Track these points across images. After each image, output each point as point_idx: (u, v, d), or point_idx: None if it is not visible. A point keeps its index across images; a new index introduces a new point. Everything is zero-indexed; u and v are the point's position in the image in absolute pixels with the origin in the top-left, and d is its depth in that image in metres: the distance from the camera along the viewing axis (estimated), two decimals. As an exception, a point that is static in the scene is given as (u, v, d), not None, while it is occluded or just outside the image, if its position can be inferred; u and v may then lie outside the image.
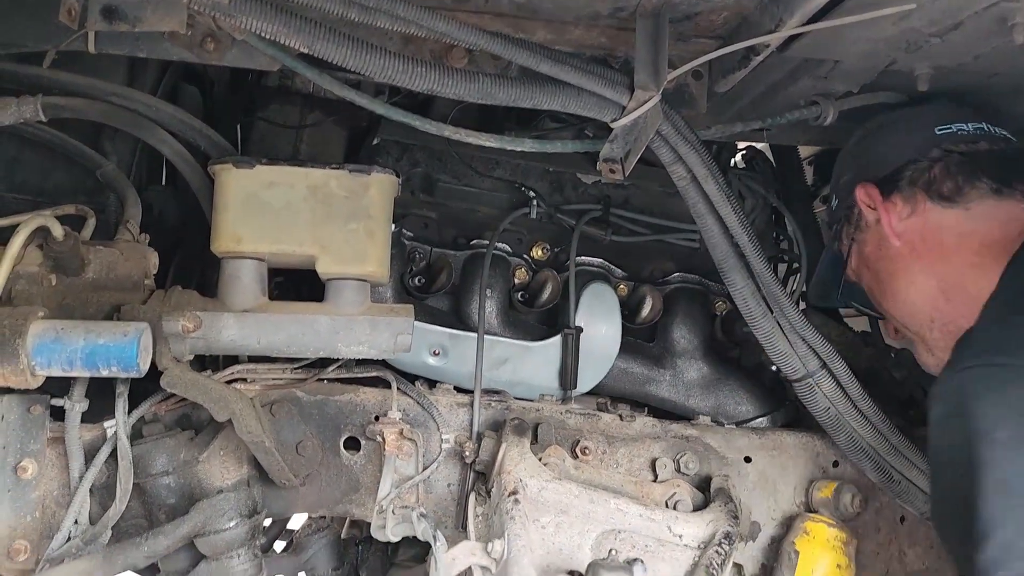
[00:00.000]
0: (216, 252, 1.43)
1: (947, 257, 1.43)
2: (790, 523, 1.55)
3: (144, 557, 1.37)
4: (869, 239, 1.53)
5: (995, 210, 1.42)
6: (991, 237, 1.39)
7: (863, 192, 1.51)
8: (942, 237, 1.44)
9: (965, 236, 1.42)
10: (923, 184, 1.46)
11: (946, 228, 1.44)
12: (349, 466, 1.57)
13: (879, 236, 1.50)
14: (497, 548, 1.28)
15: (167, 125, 1.53)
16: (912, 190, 1.46)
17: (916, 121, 1.51)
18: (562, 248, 1.77)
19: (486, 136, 1.43)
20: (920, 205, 1.46)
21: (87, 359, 1.24)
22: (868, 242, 1.53)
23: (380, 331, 1.44)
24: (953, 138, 1.46)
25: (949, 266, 1.43)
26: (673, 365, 1.79)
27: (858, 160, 1.57)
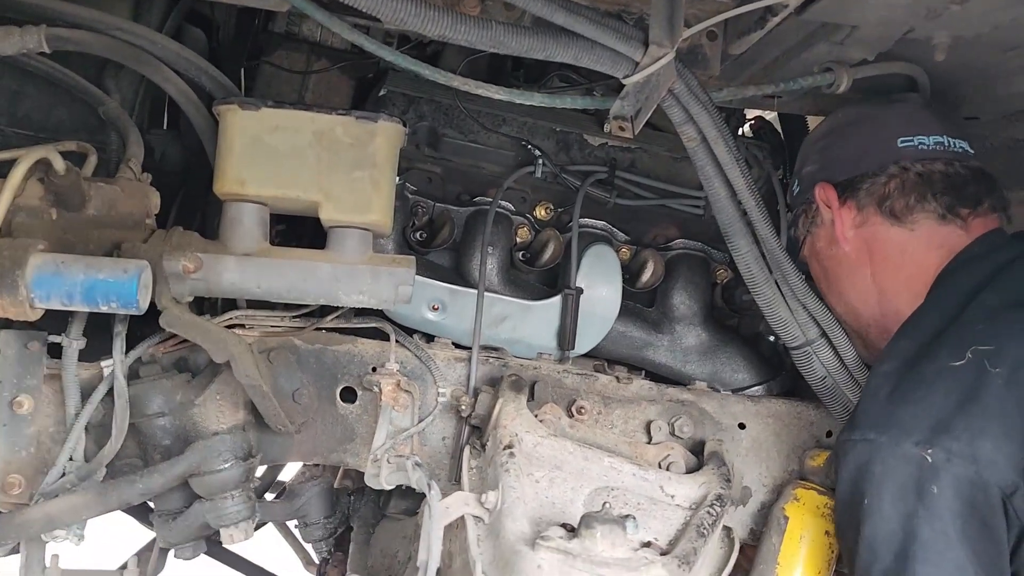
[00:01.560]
0: (219, 194, 1.42)
1: (889, 271, 1.50)
2: (781, 490, 1.56)
3: (139, 494, 1.37)
4: (822, 235, 1.58)
5: (935, 234, 1.48)
6: (927, 261, 1.47)
7: (822, 191, 1.56)
8: (887, 251, 1.51)
9: (907, 255, 1.49)
10: (877, 198, 1.51)
11: (892, 244, 1.50)
12: (345, 416, 1.58)
13: (831, 236, 1.56)
14: (491, 499, 1.29)
15: (172, 63, 1.51)
16: (866, 201, 1.52)
17: (881, 128, 1.54)
18: (565, 209, 1.76)
19: (495, 88, 1.41)
20: (871, 218, 1.52)
21: (87, 294, 1.23)
22: (821, 238, 1.58)
23: (381, 281, 1.43)
24: (912, 153, 1.50)
25: (890, 280, 1.50)
26: (672, 330, 1.79)
27: (822, 155, 1.60)
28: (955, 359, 1.25)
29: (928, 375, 1.26)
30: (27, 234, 1.32)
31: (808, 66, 1.52)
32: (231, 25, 1.93)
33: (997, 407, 1.20)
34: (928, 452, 1.19)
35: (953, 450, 1.19)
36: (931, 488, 1.18)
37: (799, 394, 1.73)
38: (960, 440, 1.19)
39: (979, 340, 1.26)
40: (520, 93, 1.43)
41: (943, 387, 1.24)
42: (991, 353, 1.24)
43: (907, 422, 1.22)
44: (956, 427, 1.20)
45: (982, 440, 1.19)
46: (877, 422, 1.25)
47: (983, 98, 1.63)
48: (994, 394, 1.21)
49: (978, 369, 1.23)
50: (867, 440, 1.25)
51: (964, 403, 1.21)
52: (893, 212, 1.50)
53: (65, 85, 1.57)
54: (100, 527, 1.63)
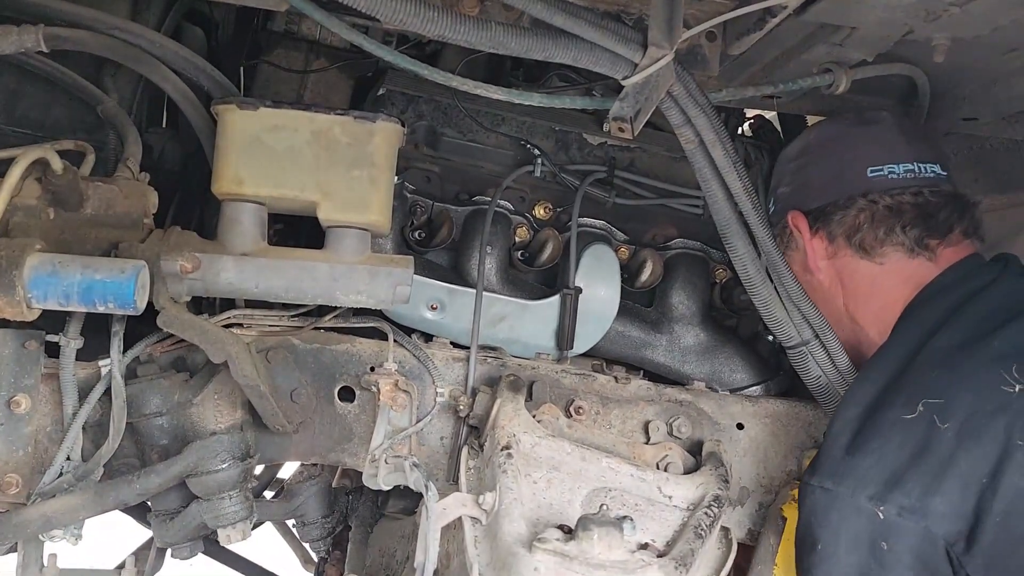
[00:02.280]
0: (217, 194, 1.42)
1: (860, 302, 1.52)
2: (779, 490, 1.56)
3: (136, 495, 1.37)
4: (797, 259, 1.58)
5: (904, 268, 1.49)
6: (895, 294, 1.48)
7: (794, 219, 1.57)
8: (858, 284, 1.52)
9: (876, 288, 1.50)
10: (846, 230, 1.52)
11: (861, 276, 1.52)
12: (343, 415, 1.58)
13: (804, 261, 1.57)
14: (488, 500, 1.29)
15: (171, 63, 1.51)
16: (836, 232, 1.53)
17: (852, 155, 1.54)
18: (564, 208, 1.76)
19: (494, 88, 1.41)
20: (841, 250, 1.53)
21: (84, 294, 1.23)
22: (796, 261, 1.58)
23: (379, 281, 1.43)
24: (882, 184, 1.50)
25: (861, 311, 1.52)
26: (670, 330, 1.79)
27: (794, 177, 1.61)
28: (907, 411, 1.28)
29: (884, 426, 1.30)
30: (24, 234, 1.32)
31: (807, 67, 1.52)
32: (230, 23, 1.93)
33: (946, 461, 1.24)
34: (880, 508, 1.24)
35: (904, 505, 1.24)
36: (881, 544, 1.24)
37: (797, 394, 1.73)
38: (911, 496, 1.24)
39: (930, 392, 1.29)
40: (519, 93, 1.43)
41: (897, 440, 1.28)
42: (941, 407, 1.27)
43: (862, 474, 1.27)
44: (907, 482, 1.25)
45: (931, 496, 1.23)
46: (835, 471, 1.30)
47: (982, 99, 1.63)
48: (943, 449, 1.24)
49: (928, 424, 1.26)
50: (825, 489, 1.30)
51: (915, 458, 1.25)
52: (862, 246, 1.51)
53: (63, 84, 1.56)
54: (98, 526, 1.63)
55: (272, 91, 1.76)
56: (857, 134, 1.56)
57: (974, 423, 1.24)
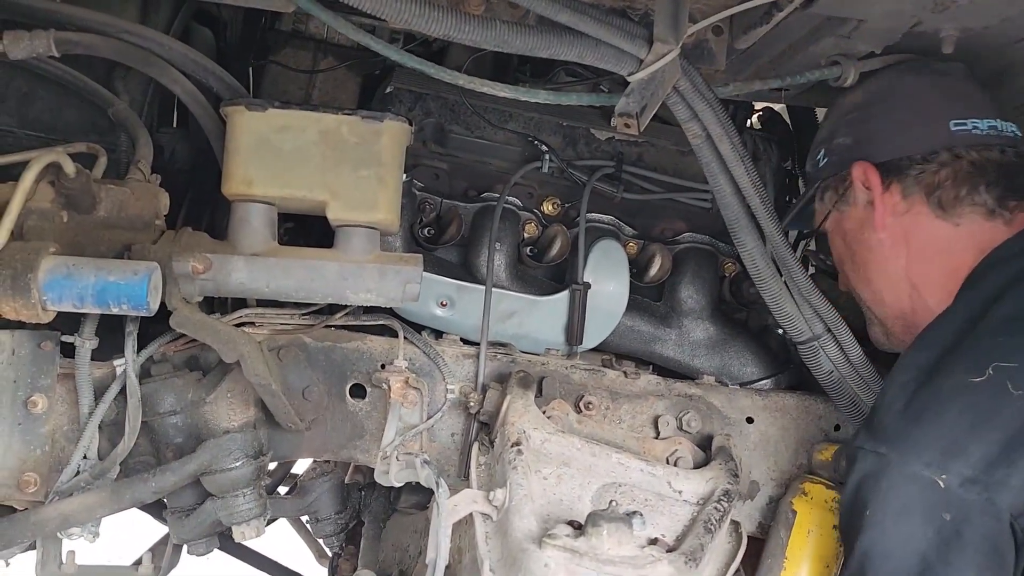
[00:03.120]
0: (227, 195, 1.43)
1: (926, 265, 1.43)
2: (789, 484, 1.56)
3: (151, 493, 1.39)
4: (853, 216, 1.49)
5: (979, 230, 1.41)
6: (964, 258, 1.39)
7: (862, 171, 1.46)
8: (926, 244, 1.43)
9: (945, 252, 1.41)
10: (926, 186, 1.42)
11: (933, 237, 1.42)
12: (354, 412, 1.59)
13: (864, 218, 1.47)
14: (499, 496, 1.30)
15: (180, 65, 1.52)
16: (913, 189, 1.43)
17: (930, 107, 1.44)
18: (573, 204, 1.76)
19: (501, 86, 1.41)
20: (916, 207, 1.43)
21: (98, 296, 1.24)
22: (851, 219, 1.49)
23: (389, 279, 1.44)
24: (967, 139, 1.41)
25: (924, 274, 1.43)
26: (680, 324, 1.79)
27: (862, 127, 1.49)
28: (975, 375, 1.20)
29: (945, 391, 1.22)
30: (38, 237, 1.34)
31: (815, 59, 1.51)
32: (238, 23, 1.94)
33: (1016, 430, 1.16)
34: (941, 477, 1.17)
35: (966, 475, 1.17)
36: (943, 515, 1.16)
37: (807, 387, 1.72)
38: (975, 467, 1.17)
39: (1001, 355, 1.21)
40: (525, 90, 1.43)
41: (959, 405, 1.20)
42: (1014, 372, 1.19)
43: (920, 440, 1.20)
44: (972, 452, 1.17)
45: (998, 467, 1.16)
46: (889, 436, 1.23)
47: (993, 89, 1.61)
48: (1013, 416, 1.17)
49: (999, 388, 1.18)
50: (877, 453, 1.23)
51: (979, 425, 1.18)
52: (941, 204, 1.40)
53: (74, 87, 1.58)
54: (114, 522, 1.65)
55: (280, 91, 1.77)
56: (935, 84, 1.45)
57: None
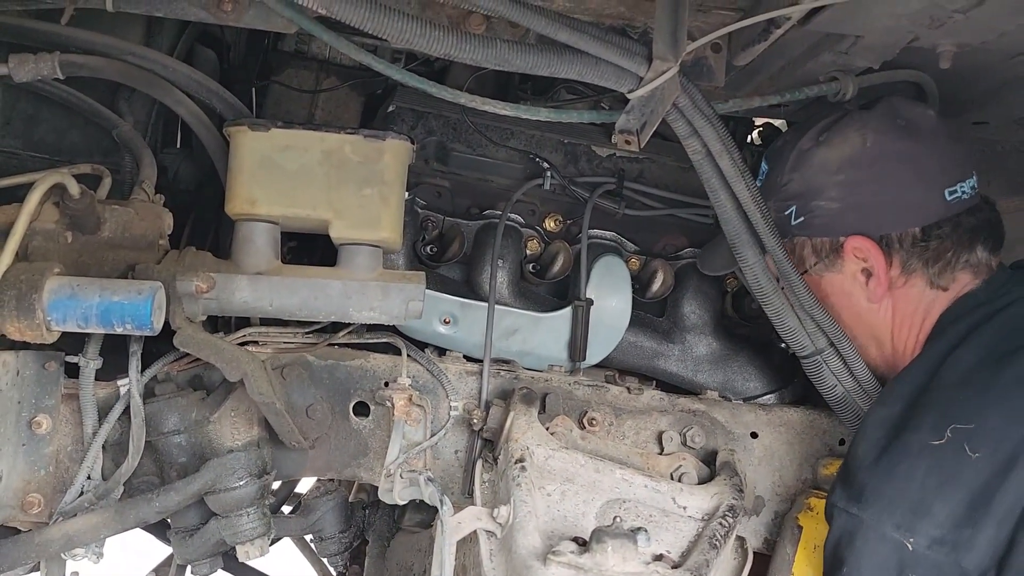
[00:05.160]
0: (230, 214, 1.44)
1: (909, 327, 1.44)
2: (794, 499, 1.56)
3: (156, 512, 1.39)
4: (837, 282, 1.48)
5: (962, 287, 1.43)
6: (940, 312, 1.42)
7: (861, 247, 1.44)
8: (915, 310, 1.44)
9: (930, 313, 1.43)
10: (925, 261, 1.42)
11: (922, 303, 1.44)
12: (358, 430, 1.59)
13: (853, 287, 1.47)
14: (503, 513, 1.30)
15: (183, 86, 1.53)
16: (914, 264, 1.42)
17: (927, 177, 1.42)
18: (575, 220, 1.77)
19: (502, 104, 1.42)
20: (914, 279, 1.43)
21: (102, 316, 1.25)
22: (834, 284, 1.48)
23: (392, 297, 1.45)
24: (961, 206, 1.42)
25: (907, 335, 1.45)
26: (682, 340, 1.79)
27: (853, 195, 1.44)
28: (935, 437, 1.24)
29: (911, 451, 1.26)
30: (43, 257, 1.35)
31: (813, 75, 1.52)
32: (241, 44, 1.96)
33: (979, 493, 1.21)
34: (909, 540, 1.22)
35: (935, 537, 1.21)
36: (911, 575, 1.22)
37: (811, 402, 1.72)
38: (942, 527, 1.21)
39: (959, 416, 1.24)
40: (526, 108, 1.44)
41: (924, 466, 1.24)
42: (970, 434, 1.23)
43: (889, 500, 1.25)
44: (938, 513, 1.22)
45: (964, 528, 1.20)
46: (862, 495, 1.28)
47: (992, 103, 1.62)
48: (975, 480, 1.21)
49: (958, 451, 1.22)
50: (851, 513, 1.28)
51: (944, 487, 1.22)
52: (939, 273, 1.42)
53: (79, 109, 1.59)
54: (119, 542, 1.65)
55: (283, 110, 1.78)
56: (926, 151, 1.43)
57: (1006, 450, 1.21)
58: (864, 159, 1.44)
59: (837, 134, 1.46)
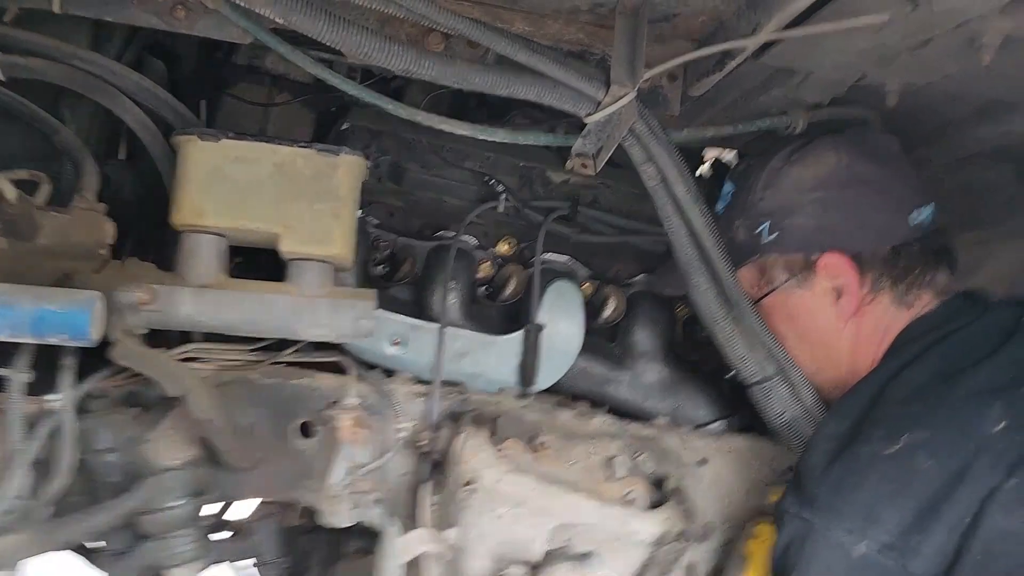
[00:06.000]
0: (176, 225, 1.40)
1: (869, 344, 1.46)
2: (743, 525, 1.56)
3: (85, 532, 1.33)
4: (806, 299, 1.49)
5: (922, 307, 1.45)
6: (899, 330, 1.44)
7: (835, 263, 1.46)
8: (876, 328, 1.46)
9: (890, 330, 1.45)
10: (894, 279, 1.45)
11: (885, 321, 1.46)
12: (302, 451, 1.54)
13: (821, 304, 1.48)
14: (451, 536, 1.27)
15: (131, 94, 1.49)
16: (883, 282, 1.45)
17: (896, 198, 1.47)
18: (528, 244, 1.77)
19: (459, 123, 1.42)
20: (881, 297, 1.46)
21: (36, 325, 1.19)
22: (802, 301, 1.50)
23: (342, 314, 1.42)
24: (922, 229, 1.47)
25: (866, 352, 1.47)
26: (633, 366, 1.80)
27: (826, 214, 1.47)
28: (889, 446, 1.26)
29: (864, 459, 1.27)
30: (-25, 264, 1.29)
31: (766, 108, 1.55)
32: (192, 57, 1.92)
33: (929, 501, 1.22)
34: (859, 545, 1.22)
35: (885, 543, 1.22)
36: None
37: (758, 430, 1.73)
38: (891, 533, 1.22)
39: (913, 426, 1.26)
40: (483, 129, 1.44)
41: (877, 474, 1.25)
42: (924, 443, 1.24)
43: (841, 508, 1.25)
44: (888, 520, 1.22)
45: (912, 535, 1.21)
46: (813, 501, 1.28)
47: (935, 143, 1.68)
48: (926, 488, 1.22)
49: (910, 460, 1.24)
50: (802, 518, 1.28)
51: (896, 495, 1.23)
52: (905, 292, 1.46)
53: (19, 113, 1.54)
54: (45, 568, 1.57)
55: (235, 125, 1.75)
56: (894, 174, 1.49)
57: (957, 461, 1.22)
58: (838, 178, 1.46)
59: (810, 153, 1.49)
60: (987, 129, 1.57)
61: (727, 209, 1.53)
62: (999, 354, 1.33)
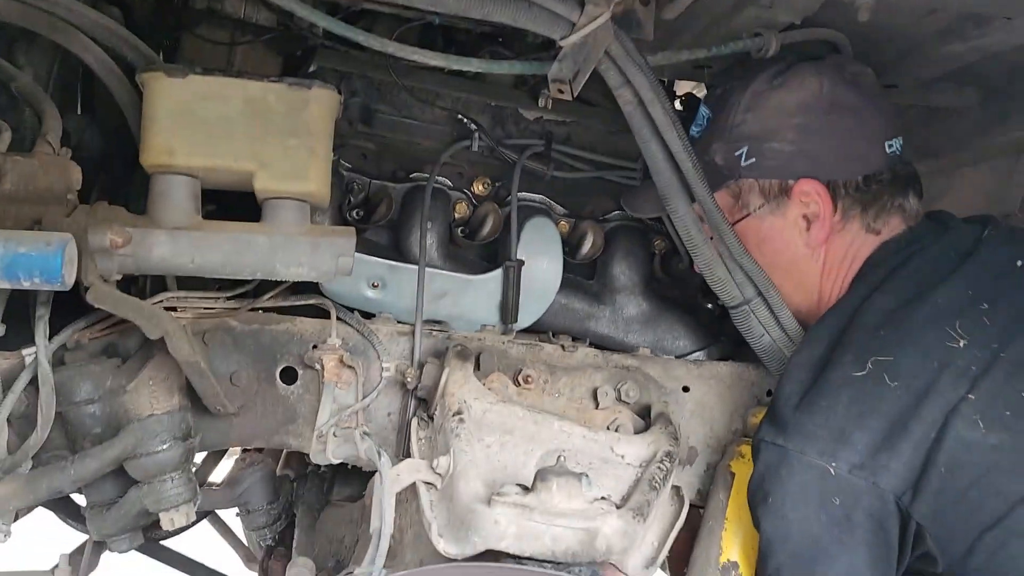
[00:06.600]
0: (146, 166, 1.36)
1: (837, 271, 1.50)
2: (726, 448, 1.59)
3: (71, 481, 1.31)
4: (778, 225, 1.51)
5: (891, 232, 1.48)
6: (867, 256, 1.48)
7: (811, 190, 1.47)
8: (845, 255, 1.49)
9: (859, 257, 1.48)
10: (864, 205, 1.48)
11: (853, 248, 1.49)
12: (286, 396, 1.54)
13: (791, 232, 1.50)
14: (443, 464, 1.27)
15: (90, 32, 1.44)
16: (854, 209, 1.48)
17: (872, 127, 1.49)
18: (503, 183, 1.75)
19: (431, 54, 1.40)
20: (851, 225, 1.49)
21: (7, 269, 1.16)
22: (774, 227, 1.51)
23: (322, 252, 1.40)
24: (894, 159, 1.49)
25: (834, 279, 1.50)
26: (613, 301, 1.80)
27: (806, 139, 1.48)
28: (857, 369, 1.30)
29: (833, 385, 1.31)
30: (-63, 211, 1.25)
31: (738, 31, 1.54)
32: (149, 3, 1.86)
33: (896, 419, 1.26)
34: (832, 465, 1.27)
35: (855, 463, 1.26)
36: (833, 499, 1.27)
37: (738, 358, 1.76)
38: (861, 453, 1.27)
39: (879, 350, 1.30)
40: (456, 59, 1.42)
41: (846, 398, 1.30)
42: (889, 365, 1.29)
43: (813, 432, 1.30)
44: (857, 440, 1.27)
45: (881, 452, 1.26)
46: (787, 429, 1.32)
47: (903, 64, 1.69)
48: (893, 407, 1.27)
49: (877, 382, 1.28)
50: (777, 445, 1.32)
51: (864, 416, 1.28)
52: (875, 221, 1.48)
53: (-28, 60, 1.48)
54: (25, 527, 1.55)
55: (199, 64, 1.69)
56: (871, 102, 1.50)
57: (922, 380, 1.27)
58: (820, 105, 1.47)
59: (793, 78, 1.49)
60: (954, 47, 1.57)
61: (703, 133, 1.53)
62: (958, 274, 1.38)
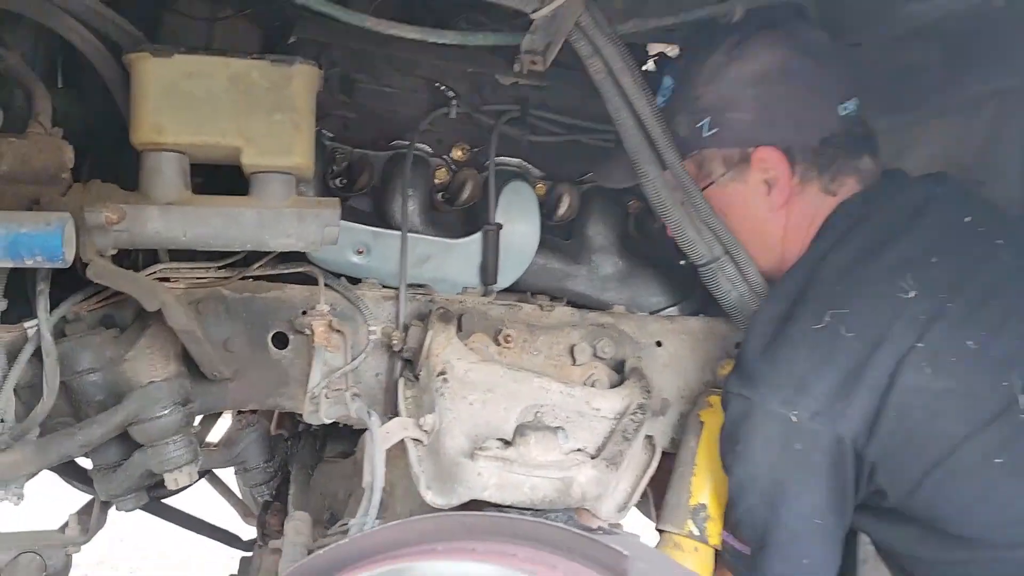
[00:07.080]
0: (136, 145, 1.41)
1: (798, 232, 1.55)
2: (697, 399, 1.68)
3: (78, 446, 1.38)
4: (740, 192, 1.56)
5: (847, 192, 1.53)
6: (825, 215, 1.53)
7: (769, 156, 1.52)
8: (804, 216, 1.55)
9: (818, 217, 1.54)
10: (820, 168, 1.53)
11: (812, 209, 1.54)
12: (278, 361, 1.61)
13: (753, 196, 1.56)
14: (429, 421, 1.36)
15: (74, 12, 1.47)
16: (811, 173, 1.53)
17: (825, 92, 1.53)
18: (481, 148, 1.80)
19: (407, 27, 1.44)
20: (808, 188, 1.54)
21: (9, 248, 1.22)
22: (737, 193, 1.56)
23: (308, 223, 1.46)
24: (848, 121, 1.54)
25: (795, 240, 1.56)
26: (589, 260, 1.87)
27: (762, 108, 1.53)
28: (816, 322, 1.38)
29: (794, 337, 1.40)
30: (-63, 194, 1.29)
31: (707, -1, 1.59)
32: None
33: (852, 367, 1.35)
34: (793, 413, 1.36)
35: (815, 410, 1.35)
36: (795, 445, 1.36)
37: (709, 313, 1.84)
38: (819, 401, 1.35)
39: (835, 303, 1.38)
40: (433, 32, 1.46)
41: (806, 349, 1.38)
42: (844, 317, 1.37)
43: (776, 383, 1.38)
44: (816, 388, 1.36)
45: (839, 400, 1.35)
46: (752, 380, 1.41)
47: (869, 23, 1.73)
48: (848, 356, 1.35)
49: (834, 333, 1.36)
50: (743, 396, 1.41)
51: (822, 365, 1.36)
52: (831, 183, 1.53)
53: (-41, 42, 1.51)
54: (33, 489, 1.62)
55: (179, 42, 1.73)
56: (823, 68, 1.54)
57: (875, 329, 1.35)
58: (775, 74, 1.52)
59: (749, 49, 1.54)
60: (918, 6, 1.62)
61: (667, 103, 1.59)
62: (911, 230, 1.46)
